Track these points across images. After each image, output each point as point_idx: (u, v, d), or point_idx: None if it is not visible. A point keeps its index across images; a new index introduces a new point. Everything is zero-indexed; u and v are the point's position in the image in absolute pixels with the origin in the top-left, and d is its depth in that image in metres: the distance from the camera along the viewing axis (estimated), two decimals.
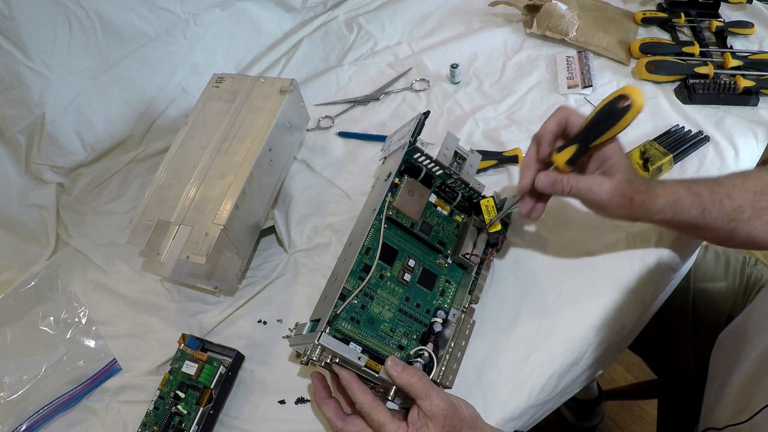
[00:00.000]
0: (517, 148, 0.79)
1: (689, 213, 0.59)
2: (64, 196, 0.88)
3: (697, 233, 0.65)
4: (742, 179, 0.60)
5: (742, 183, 0.60)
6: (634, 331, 0.73)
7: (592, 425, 1.38)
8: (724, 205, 0.59)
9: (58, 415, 0.67)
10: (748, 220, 0.59)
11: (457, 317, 0.60)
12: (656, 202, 0.57)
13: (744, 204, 0.59)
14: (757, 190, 0.59)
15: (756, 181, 0.60)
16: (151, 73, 0.89)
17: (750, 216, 0.59)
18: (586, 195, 0.55)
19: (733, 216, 0.59)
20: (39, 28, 0.73)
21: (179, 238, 0.64)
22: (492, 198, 0.65)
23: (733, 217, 0.59)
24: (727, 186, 0.60)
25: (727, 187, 0.59)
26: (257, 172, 0.70)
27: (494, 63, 0.95)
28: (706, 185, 0.59)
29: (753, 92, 0.83)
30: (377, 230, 0.59)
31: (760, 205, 0.59)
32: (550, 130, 0.54)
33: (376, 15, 1.07)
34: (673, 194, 0.58)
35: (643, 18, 0.97)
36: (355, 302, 0.56)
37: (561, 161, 0.53)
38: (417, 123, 0.63)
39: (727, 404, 0.62)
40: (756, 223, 0.59)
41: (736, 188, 0.59)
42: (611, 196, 0.54)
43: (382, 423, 0.50)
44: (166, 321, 0.72)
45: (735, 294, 0.82)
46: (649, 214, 0.58)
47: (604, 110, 0.48)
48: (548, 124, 0.54)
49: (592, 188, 0.54)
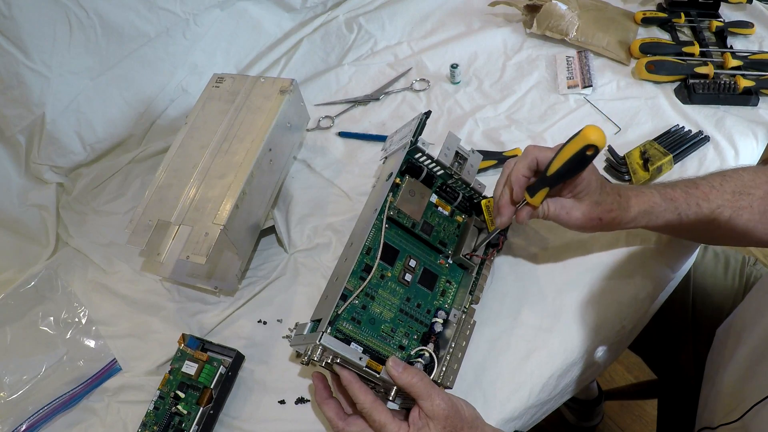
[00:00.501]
0: (516, 148, 0.79)
1: (664, 218, 0.60)
2: (64, 196, 0.87)
3: (676, 234, 0.66)
4: (721, 180, 0.61)
5: (720, 184, 0.61)
6: (633, 331, 0.73)
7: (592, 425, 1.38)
8: (701, 207, 0.60)
9: (58, 415, 0.67)
10: (728, 220, 0.60)
11: (458, 317, 0.60)
12: (628, 214, 0.59)
13: (722, 204, 0.60)
14: (735, 190, 0.60)
15: (735, 181, 0.61)
16: (151, 73, 0.89)
17: (730, 216, 0.60)
18: (558, 220, 0.57)
19: (712, 217, 0.60)
20: (39, 28, 0.73)
21: (179, 238, 0.64)
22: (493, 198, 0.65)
23: (711, 218, 0.60)
24: (704, 188, 0.60)
25: (704, 189, 0.60)
26: (257, 172, 0.70)
27: (494, 63, 0.95)
28: (682, 189, 0.60)
29: (753, 92, 0.83)
30: (378, 230, 0.59)
31: (739, 204, 0.60)
32: (522, 174, 0.55)
33: (376, 15, 1.07)
34: (646, 203, 0.59)
35: (643, 18, 0.97)
36: (356, 302, 0.56)
37: (536, 203, 0.55)
38: (418, 123, 0.63)
39: (720, 403, 0.62)
40: (737, 222, 0.60)
41: (714, 189, 0.60)
42: (581, 222, 0.57)
43: (383, 423, 0.50)
44: (166, 321, 0.72)
45: (735, 294, 0.82)
46: (621, 224, 0.59)
47: (573, 159, 0.49)
48: (519, 168, 0.55)
49: (561, 215, 0.57)
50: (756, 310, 0.65)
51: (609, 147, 0.78)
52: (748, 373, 0.59)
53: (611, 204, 0.57)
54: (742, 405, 0.57)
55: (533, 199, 0.54)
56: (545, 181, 0.53)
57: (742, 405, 0.57)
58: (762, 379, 0.56)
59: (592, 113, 0.85)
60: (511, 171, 0.55)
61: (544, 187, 0.53)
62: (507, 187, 0.56)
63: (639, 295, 0.67)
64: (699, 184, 0.61)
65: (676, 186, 0.61)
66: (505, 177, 0.57)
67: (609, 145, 0.79)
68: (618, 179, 0.76)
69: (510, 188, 0.56)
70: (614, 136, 0.82)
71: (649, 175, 0.74)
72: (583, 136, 0.47)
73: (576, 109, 0.86)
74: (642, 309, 0.69)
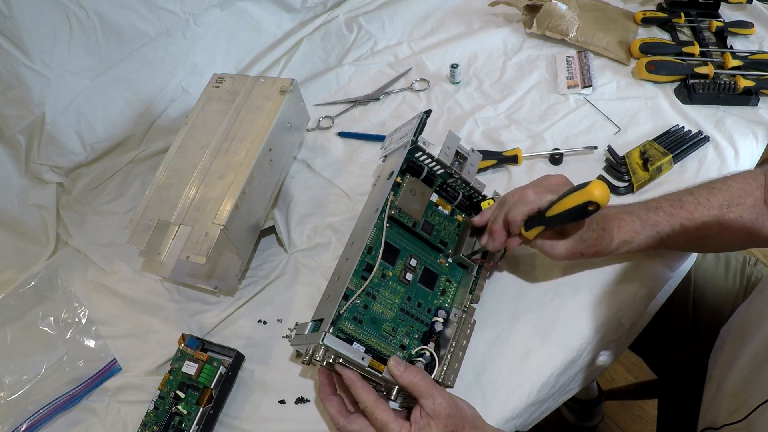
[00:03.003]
0: (516, 148, 0.79)
1: (645, 243, 0.61)
2: (64, 196, 0.87)
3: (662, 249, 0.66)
4: (708, 194, 0.61)
5: (707, 199, 0.60)
6: (633, 331, 0.73)
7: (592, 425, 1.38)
8: (686, 228, 0.60)
9: (58, 415, 0.67)
10: (716, 235, 0.60)
11: (458, 317, 0.60)
12: (610, 246, 0.60)
13: (709, 222, 0.60)
14: (723, 203, 0.60)
15: (723, 193, 0.60)
16: (151, 73, 0.89)
17: (718, 231, 0.60)
18: (543, 251, 0.60)
19: (698, 235, 0.60)
20: (39, 28, 0.73)
21: (179, 238, 0.64)
22: (493, 199, 0.65)
23: (697, 236, 0.60)
24: (689, 206, 0.60)
25: (690, 207, 0.60)
26: (257, 172, 0.70)
27: (494, 63, 0.96)
28: (666, 211, 0.60)
29: (753, 92, 0.83)
30: (380, 229, 0.59)
31: (727, 218, 0.59)
32: (522, 219, 0.56)
33: (376, 15, 1.07)
34: (627, 232, 0.60)
35: (643, 18, 0.98)
36: (358, 302, 0.56)
37: (530, 237, 0.57)
38: (419, 122, 0.63)
39: (723, 403, 0.62)
40: (726, 235, 0.60)
41: (700, 206, 0.60)
42: (564, 257, 0.59)
43: (385, 422, 0.50)
44: (166, 321, 0.72)
45: (735, 294, 0.82)
46: (603, 255, 0.61)
47: (573, 210, 0.50)
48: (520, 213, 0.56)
49: (546, 248, 0.59)
50: (761, 310, 0.65)
51: (609, 147, 0.78)
52: (753, 373, 0.59)
53: (594, 240, 0.59)
54: (746, 405, 0.57)
55: (528, 233, 0.56)
56: (542, 220, 0.54)
57: (746, 405, 0.57)
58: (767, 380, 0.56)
59: (592, 113, 0.85)
60: (509, 211, 0.56)
61: (541, 226, 0.55)
62: (504, 226, 0.58)
63: (638, 294, 0.67)
64: (684, 202, 0.61)
65: (660, 208, 0.61)
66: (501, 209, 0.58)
67: (609, 145, 0.79)
68: (618, 179, 0.76)
69: (506, 226, 0.58)
70: (614, 136, 0.82)
71: (648, 175, 0.74)
72: (588, 192, 0.48)
73: (576, 109, 0.86)
74: (640, 308, 0.69)
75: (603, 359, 0.70)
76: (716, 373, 0.68)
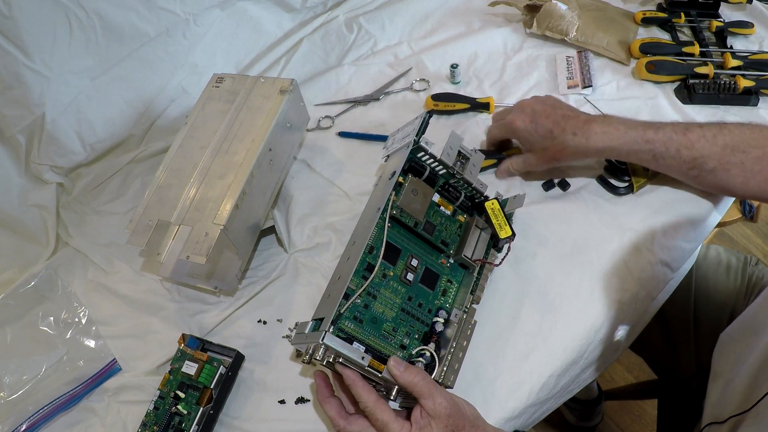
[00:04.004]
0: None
1: (636, 156, 0.63)
2: (64, 196, 0.87)
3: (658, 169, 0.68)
4: (717, 131, 0.61)
5: (714, 136, 0.61)
6: (634, 331, 0.73)
7: (592, 425, 1.38)
8: (681, 154, 0.60)
9: (58, 415, 0.67)
10: (711, 170, 0.60)
11: (459, 317, 0.60)
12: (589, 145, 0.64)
13: (708, 155, 0.60)
14: (728, 144, 0.60)
15: (732, 135, 0.61)
16: (151, 73, 0.89)
17: (714, 167, 0.60)
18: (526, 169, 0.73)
19: (692, 164, 0.61)
20: (39, 28, 0.73)
21: (179, 238, 0.64)
22: (496, 200, 0.65)
23: (692, 166, 0.61)
24: (692, 135, 0.61)
25: (692, 136, 0.61)
26: (257, 172, 0.69)
27: (494, 63, 0.95)
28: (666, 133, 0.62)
29: (753, 92, 0.83)
30: (381, 229, 0.59)
31: (728, 159, 0.60)
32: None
33: (376, 15, 1.07)
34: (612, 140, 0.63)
35: (643, 18, 0.98)
36: (358, 301, 0.56)
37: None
38: (421, 122, 0.63)
39: (733, 398, 0.62)
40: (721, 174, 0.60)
41: (703, 139, 0.61)
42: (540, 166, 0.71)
43: (385, 422, 0.50)
44: (166, 321, 0.72)
45: (736, 294, 0.82)
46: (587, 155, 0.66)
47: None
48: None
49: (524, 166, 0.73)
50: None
51: None
52: (764, 365, 0.58)
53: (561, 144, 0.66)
54: (755, 394, 0.57)
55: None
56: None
57: (755, 394, 0.57)
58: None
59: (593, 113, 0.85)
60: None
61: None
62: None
63: (638, 294, 0.67)
64: (690, 131, 0.61)
65: (662, 128, 0.62)
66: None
67: None
68: (618, 180, 0.76)
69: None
70: None
71: (648, 176, 0.74)
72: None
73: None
74: (641, 308, 0.69)
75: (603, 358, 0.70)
76: (724, 371, 0.68)
